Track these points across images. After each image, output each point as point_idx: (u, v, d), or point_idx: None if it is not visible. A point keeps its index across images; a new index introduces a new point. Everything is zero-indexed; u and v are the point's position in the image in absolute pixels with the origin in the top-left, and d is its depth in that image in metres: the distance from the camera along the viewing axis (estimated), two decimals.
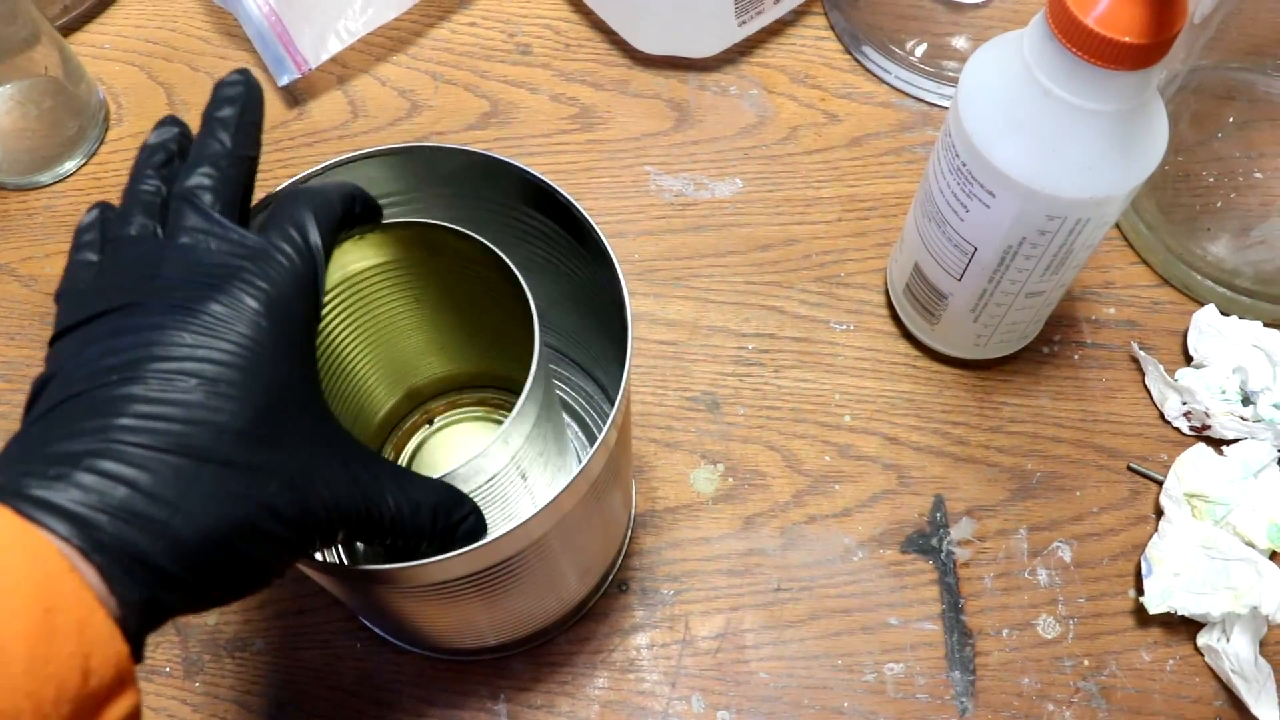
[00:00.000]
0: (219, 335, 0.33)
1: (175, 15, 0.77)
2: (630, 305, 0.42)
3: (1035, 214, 0.50)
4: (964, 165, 0.51)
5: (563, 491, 0.40)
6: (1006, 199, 0.50)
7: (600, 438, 0.41)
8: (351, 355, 0.52)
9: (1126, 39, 0.43)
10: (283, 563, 0.35)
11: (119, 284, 0.34)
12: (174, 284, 0.34)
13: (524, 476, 0.46)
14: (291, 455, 0.33)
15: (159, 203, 0.37)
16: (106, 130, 0.73)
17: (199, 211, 0.36)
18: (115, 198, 0.65)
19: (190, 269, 0.34)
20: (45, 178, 0.71)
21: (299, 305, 0.35)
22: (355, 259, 0.47)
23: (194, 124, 0.39)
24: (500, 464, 0.43)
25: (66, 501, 0.29)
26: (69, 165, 0.71)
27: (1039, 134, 0.48)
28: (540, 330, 0.42)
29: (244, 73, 0.39)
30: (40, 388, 0.34)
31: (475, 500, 0.42)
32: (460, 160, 0.46)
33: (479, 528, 0.41)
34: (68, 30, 0.76)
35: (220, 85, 0.39)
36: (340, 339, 0.51)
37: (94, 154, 0.72)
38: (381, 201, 0.43)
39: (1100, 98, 0.46)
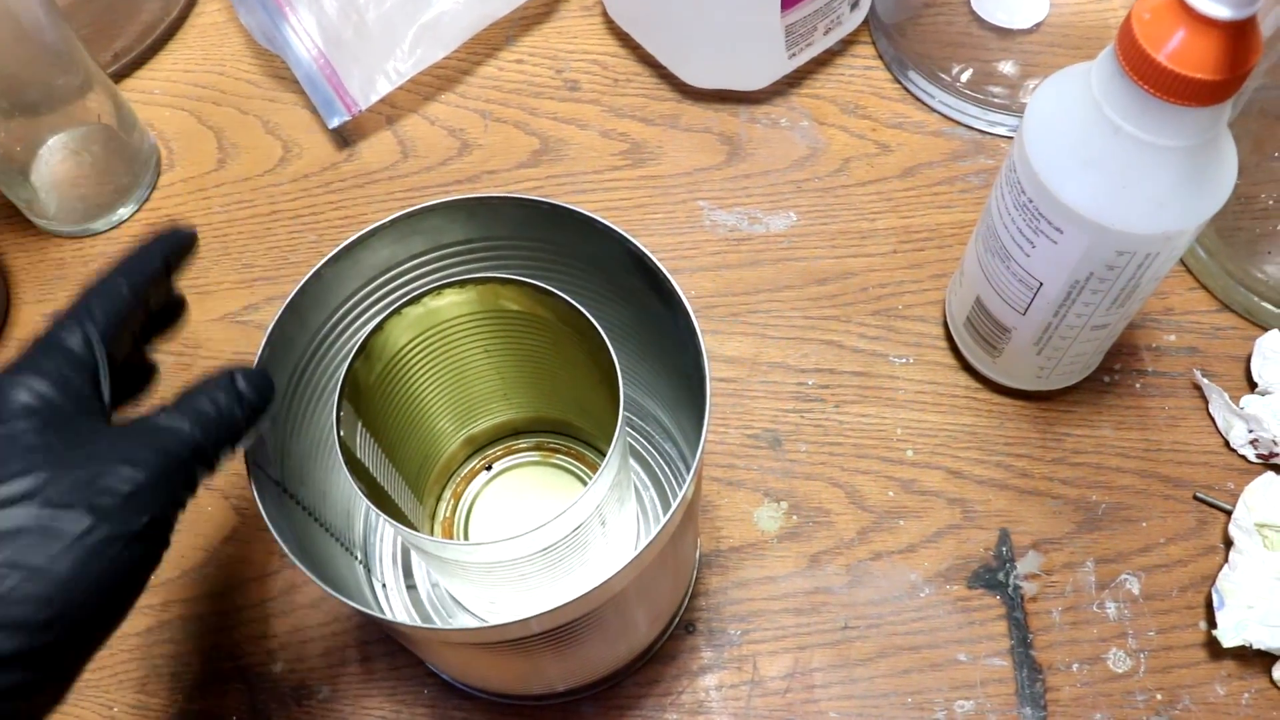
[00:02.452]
0: None
1: (224, 59, 0.78)
2: (709, 366, 0.42)
3: (1104, 249, 0.50)
4: (1030, 201, 0.51)
5: (646, 546, 0.40)
6: (1074, 235, 0.50)
7: (682, 492, 0.41)
8: (426, 402, 0.52)
9: (1200, 75, 0.42)
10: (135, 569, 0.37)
11: None
12: None
13: (603, 523, 0.46)
14: (71, 482, 0.36)
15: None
16: (158, 176, 0.73)
17: None
18: None
19: None
20: (99, 225, 0.71)
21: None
22: (448, 309, 0.47)
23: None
24: (586, 514, 0.43)
25: None
26: (122, 212, 0.72)
27: (1109, 170, 0.47)
28: (625, 403, 0.43)
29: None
30: None
31: (557, 549, 0.42)
32: (525, 209, 0.46)
33: (264, 380, 0.42)
34: (118, 77, 0.77)
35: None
36: (417, 383, 0.51)
37: (146, 200, 0.73)
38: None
39: (1172, 134, 0.45)
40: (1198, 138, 0.46)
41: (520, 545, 0.42)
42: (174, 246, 0.44)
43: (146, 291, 0.43)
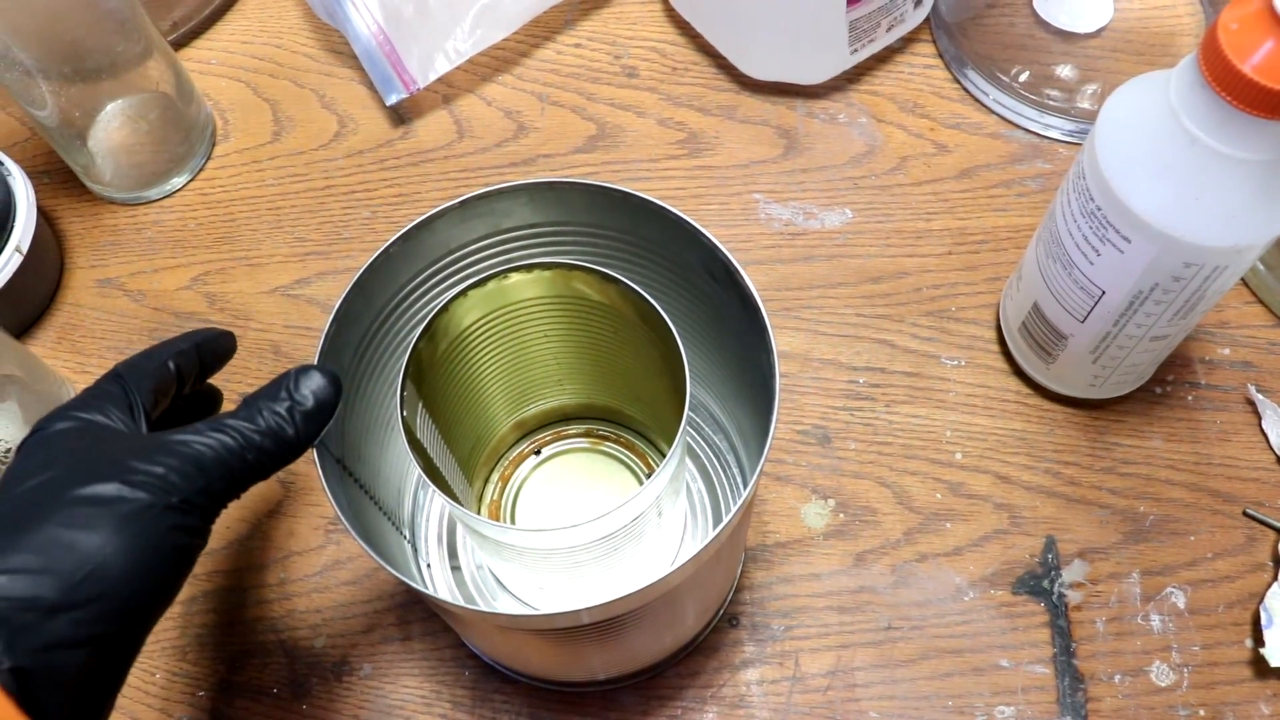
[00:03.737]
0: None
1: (282, 32, 0.78)
2: (779, 366, 0.42)
3: (1171, 261, 0.49)
4: (1099, 209, 0.50)
5: (707, 544, 0.40)
6: (1142, 245, 0.49)
7: (746, 491, 0.41)
8: (483, 384, 0.52)
9: None
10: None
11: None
12: None
13: (660, 514, 0.46)
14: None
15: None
16: (213, 146, 0.74)
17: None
18: (222, 213, 0.67)
19: None
20: (153, 193, 0.72)
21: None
22: (514, 292, 0.47)
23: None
24: (646, 504, 0.42)
25: None
26: (177, 181, 0.72)
27: (1182, 181, 0.47)
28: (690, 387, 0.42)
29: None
30: None
31: (614, 538, 0.42)
32: (593, 194, 0.46)
33: (319, 385, 0.43)
34: (177, 45, 0.77)
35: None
36: (478, 367, 0.51)
37: (201, 170, 0.73)
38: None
39: (1251, 147, 0.45)
40: (1276, 152, 0.45)
41: (579, 534, 0.42)
42: (209, 340, 0.47)
43: (179, 362, 0.45)
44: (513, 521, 0.58)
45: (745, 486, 0.41)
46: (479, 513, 0.58)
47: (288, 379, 0.42)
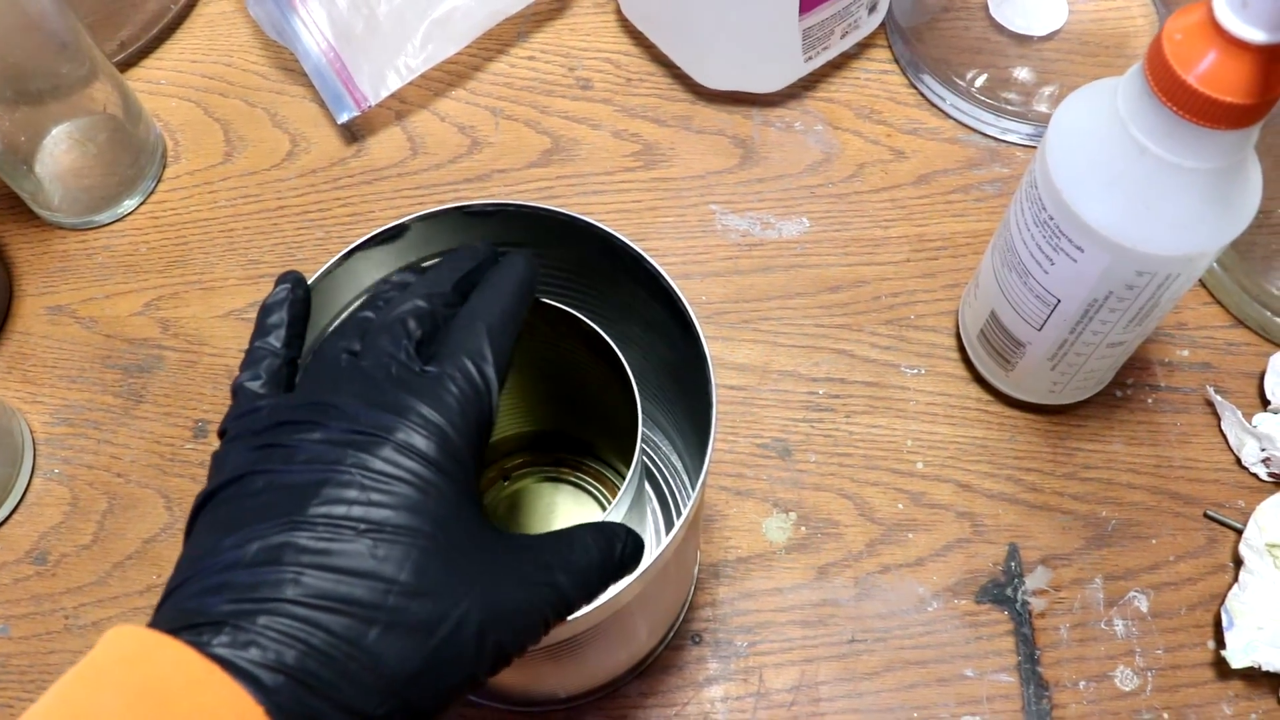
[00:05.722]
0: (386, 484, 0.32)
1: (231, 50, 0.77)
2: (715, 380, 0.41)
3: (1124, 269, 0.49)
4: (1051, 219, 0.50)
5: (652, 562, 0.39)
6: (1095, 254, 0.49)
7: (687, 509, 0.40)
8: None
9: (1230, 99, 0.42)
10: (469, 687, 0.34)
11: (296, 407, 0.35)
12: (345, 419, 0.33)
13: None
14: (463, 592, 0.32)
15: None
16: (164, 168, 0.73)
17: (395, 342, 0.36)
18: (174, 236, 0.65)
19: (365, 400, 0.34)
20: (103, 217, 0.71)
21: (467, 442, 0.34)
22: None
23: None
24: None
25: (246, 661, 0.29)
26: (127, 204, 0.71)
27: (1133, 191, 0.47)
28: (642, 417, 0.42)
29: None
30: (206, 499, 0.34)
31: None
32: (540, 220, 0.46)
33: (639, 548, 0.39)
34: (124, 66, 0.76)
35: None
36: None
37: (152, 192, 0.72)
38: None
39: (1199, 156, 0.45)
40: (1225, 160, 0.45)
41: None
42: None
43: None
44: None
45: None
46: None
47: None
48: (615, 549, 0.37)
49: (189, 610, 0.30)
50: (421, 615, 0.31)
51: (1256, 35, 0.40)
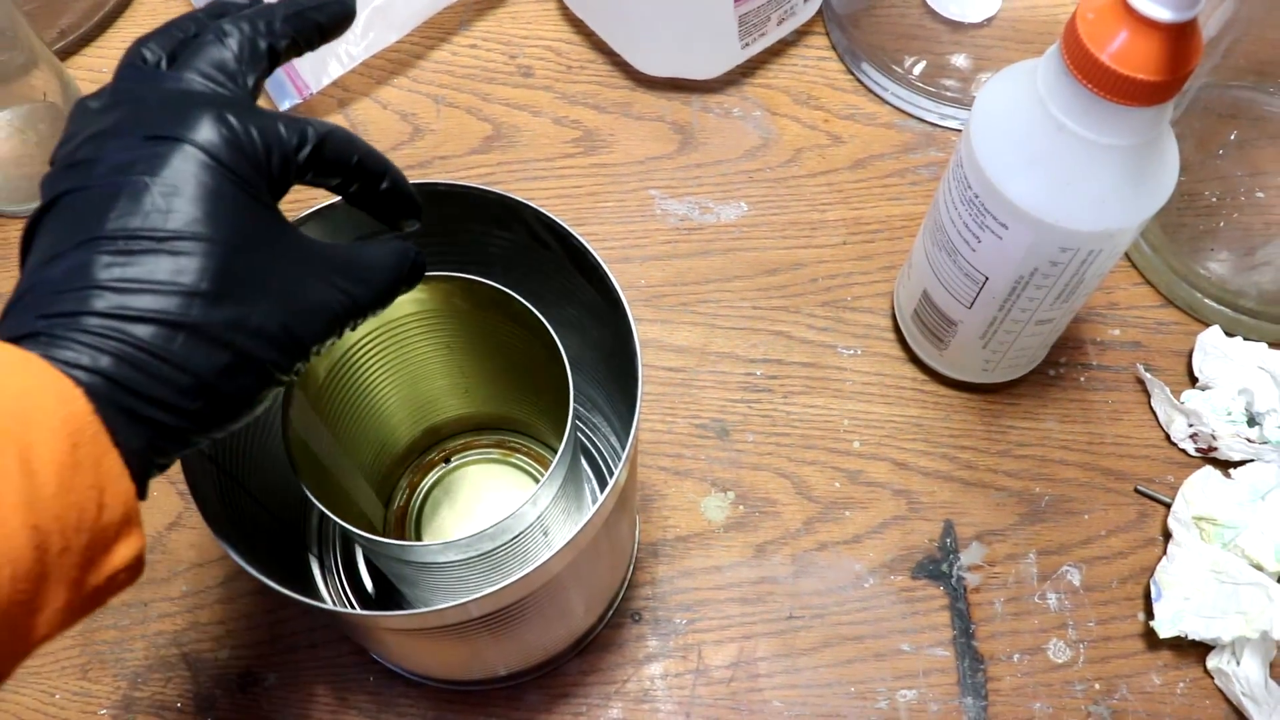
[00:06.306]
0: (179, 191, 0.33)
1: None
2: (640, 353, 0.42)
3: (1048, 246, 0.50)
4: (976, 197, 0.51)
5: (579, 533, 0.40)
6: (1019, 231, 0.50)
7: (612, 482, 0.41)
8: (380, 393, 0.52)
9: (1142, 76, 0.43)
10: (274, 384, 0.35)
11: (103, 124, 0.35)
12: (143, 127, 0.34)
13: (546, 533, 0.46)
14: (262, 294, 0.34)
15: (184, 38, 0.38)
16: None
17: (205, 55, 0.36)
18: None
19: (167, 107, 0.35)
20: None
21: (264, 147, 0.35)
22: (396, 307, 0.47)
23: None
24: (527, 523, 0.43)
25: (60, 363, 0.31)
26: None
27: (1053, 168, 0.48)
28: (573, 399, 0.42)
29: None
30: (33, 224, 0.35)
31: (498, 555, 0.43)
32: (472, 199, 0.46)
33: (422, 259, 0.40)
34: (65, 54, 0.76)
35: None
36: (371, 377, 0.50)
37: None
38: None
39: (1115, 133, 0.46)
40: (1140, 137, 0.46)
41: (452, 550, 0.42)
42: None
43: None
44: (417, 529, 0.58)
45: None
46: (385, 520, 0.58)
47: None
48: (408, 254, 0.39)
49: (4, 328, 0.32)
50: (223, 318, 0.33)
51: (1164, 14, 0.41)
